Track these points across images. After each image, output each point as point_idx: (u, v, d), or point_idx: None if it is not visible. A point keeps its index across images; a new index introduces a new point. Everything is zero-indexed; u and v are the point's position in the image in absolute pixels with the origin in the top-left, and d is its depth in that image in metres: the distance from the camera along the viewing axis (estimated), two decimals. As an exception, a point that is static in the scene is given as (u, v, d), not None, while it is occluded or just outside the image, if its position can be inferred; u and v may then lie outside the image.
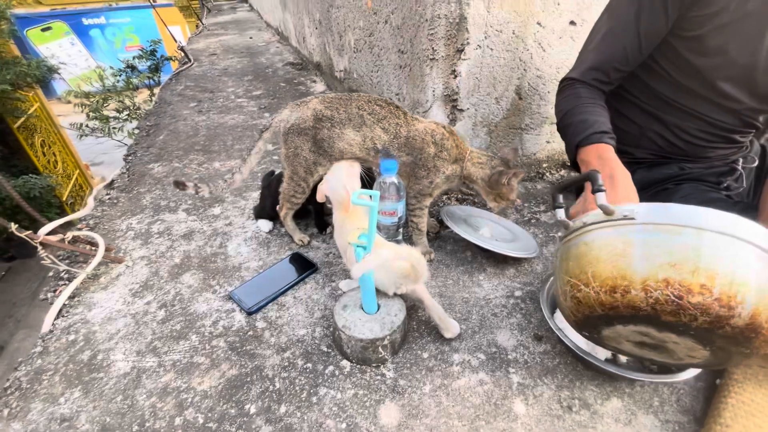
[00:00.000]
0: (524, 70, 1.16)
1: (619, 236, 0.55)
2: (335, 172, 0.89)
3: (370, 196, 0.72)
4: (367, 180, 0.95)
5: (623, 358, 0.75)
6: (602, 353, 0.75)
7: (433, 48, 1.12)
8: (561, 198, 0.72)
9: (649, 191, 0.94)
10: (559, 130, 0.94)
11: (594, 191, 0.60)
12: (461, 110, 1.15)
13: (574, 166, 0.92)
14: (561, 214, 0.70)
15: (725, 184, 0.93)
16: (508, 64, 1.13)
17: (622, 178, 0.76)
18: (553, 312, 0.84)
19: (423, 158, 0.92)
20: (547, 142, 1.35)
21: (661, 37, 0.84)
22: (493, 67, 1.12)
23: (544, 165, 1.40)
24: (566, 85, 0.94)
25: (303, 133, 0.94)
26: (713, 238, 0.49)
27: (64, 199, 4.16)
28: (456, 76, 1.10)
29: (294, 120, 0.95)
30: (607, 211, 0.57)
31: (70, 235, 1.05)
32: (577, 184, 0.77)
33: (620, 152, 0.99)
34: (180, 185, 1.04)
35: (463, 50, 1.05)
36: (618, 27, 0.86)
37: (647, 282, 0.51)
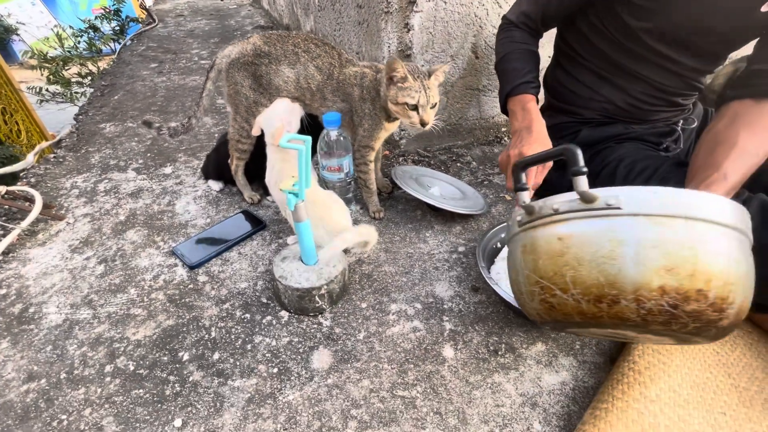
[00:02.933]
0: (480, 26, 1.14)
1: (604, 232, 0.45)
2: (275, 105, 0.87)
3: (303, 142, 0.70)
4: (309, 127, 0.93)
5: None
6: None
7: (387, 0, 1.08)
8: (524, 177, 0.60)
9: (593, 149, 0.95)
10: (495, 71, 0.99)
11: (573, 174, 0.48)
12: (416, 67, 1.12)
13: (504, 112, 0.95)
14: (526, 197, 0.57)
15: (665, 145, 0.95)
16: (463, 20, 1.10)
17: (538, 126, 0.83)
18: (490, 265, 0.85)
19: (353, 104, 0.91)
20: (506, 105, 1.34)
21: None
22: (447, 22, 1.09)
23: (503, 129, 1.40)
24: (504, 26, 0.97)
25: (243, 68, 0.93)
26: (706, 230, 0.43)
27: (27, 168, 3.97)
28: (409, 30, 1.07)
29: (235, 54, 0.93)
30: (588, 198, 0.47)
31: (3, 189, 1.01)
32: (547, 161, 0.60)
33: (568, 112, 1.00)
34: (147, 123, 1.08)
35: (414, 2, 1.02)
36: None
37: (640, 291, 0.43)
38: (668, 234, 0.43)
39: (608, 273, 0.44)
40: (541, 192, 0.80)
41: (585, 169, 0.48)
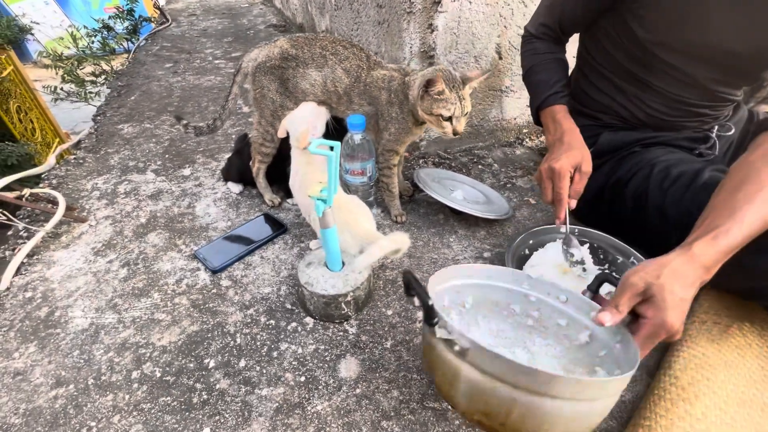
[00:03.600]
0: (505, 26, 1.11)
1: (452, 363, 0.51)
2: (301, 108, 0.87)
3: (331, 147, 0.69)
4: (334, 131, 0.92)
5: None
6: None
7: (410, 0, 1.06)
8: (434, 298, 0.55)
9: (616, 155, 0.92)
10: (524, 83, 0.97)
11: (429, 324, 0.52)
12: (438, 68, 1.10)
13: (537, 123, 0.93)
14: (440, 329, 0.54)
15: (698, 151, 0.90)
16: (488, 20, 1.08)
17: (569, 137, 0.82)
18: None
19: (380, 107, 0.90)
20: (527, 106, 1.32)
21: (605, 4, 0.80)
22: (472, 22, 1.06)
23: (524, 131, 1.38)
24: (526, 38, 0.95)
25: (270, 72, 0.92)
26: (525, 400, 0.47)
27: (42, 167, 4.01)
28: (433, 31, 1.05)
29: (262, 58, 0.92)
30: (448, 341, 0.51)
31: (27, 191, 1.01)
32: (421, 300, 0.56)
33: (589, 116, 0.96)
34: (177, 118, 1.12)
35: (439, 2, 1.00)
36: None
37: (466, 414, 0.54)
38: (494, 392, 0.48)
39: (450, 391, 0.53)
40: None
41: (436, 321, 0.52)
